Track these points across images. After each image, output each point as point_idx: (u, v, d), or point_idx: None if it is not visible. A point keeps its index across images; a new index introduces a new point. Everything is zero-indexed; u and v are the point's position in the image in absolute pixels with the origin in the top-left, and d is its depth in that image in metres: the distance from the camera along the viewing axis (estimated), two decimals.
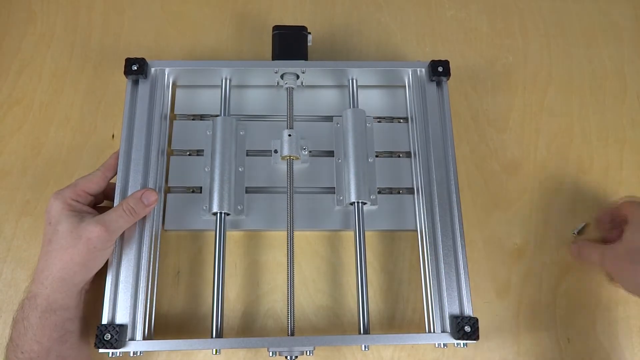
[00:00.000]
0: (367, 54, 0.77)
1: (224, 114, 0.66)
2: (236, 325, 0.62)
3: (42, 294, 0.52)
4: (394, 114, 0.70)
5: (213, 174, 0.62)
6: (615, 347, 0.64)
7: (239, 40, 0.76)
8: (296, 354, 0.55)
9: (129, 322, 0.54)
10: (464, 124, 0.73)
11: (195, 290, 0.63)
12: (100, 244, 0.52)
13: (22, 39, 0.74)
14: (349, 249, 0.65)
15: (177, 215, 0.64)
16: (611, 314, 0.65)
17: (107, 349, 0.52)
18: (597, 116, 0.75)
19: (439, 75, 0.67)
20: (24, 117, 0.70)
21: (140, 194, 0.57)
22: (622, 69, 0.78)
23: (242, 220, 0.64)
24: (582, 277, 0.67)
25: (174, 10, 0.78)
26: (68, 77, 0.72)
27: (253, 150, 0.67)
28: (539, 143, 0.73)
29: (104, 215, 0.54)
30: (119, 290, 0.56)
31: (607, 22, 0.81)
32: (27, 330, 0.51)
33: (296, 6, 0.79)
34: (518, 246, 0.67)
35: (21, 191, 0.66)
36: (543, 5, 0.82)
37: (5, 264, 0.63)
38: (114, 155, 0.61)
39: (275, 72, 0.67)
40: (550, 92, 0.76)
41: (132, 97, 0.64)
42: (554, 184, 0.71)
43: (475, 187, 0.70)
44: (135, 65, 0.63)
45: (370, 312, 0.63)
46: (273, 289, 0.64)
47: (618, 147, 0.73)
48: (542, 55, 0.79)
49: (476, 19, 0.80)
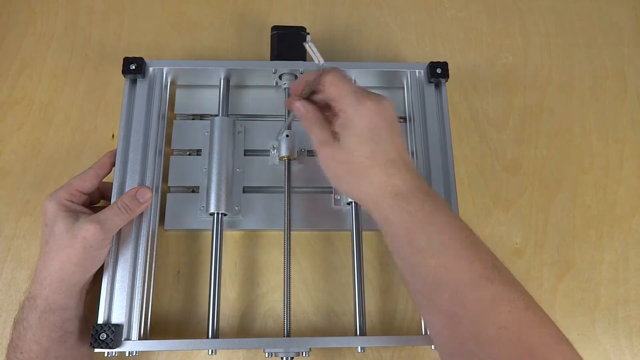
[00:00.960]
0: (367, 54, 0.77)
1: (222, 114, 0.66)
2: (236, 325, 0.62)
3: (41, 295, 0.52)
4: None
5: (210, 174, 0.62)
6: (615, 347, 0.64)
7: (239, 40, 0.76)
8: (292, 355, 0.55)
9: (124, 321, 0.55)
10: (464, 124, 0.73)
11: (195, 290, 0.63)
12: (96, 243, 0.52)
13: (22, 39, 0.74)
14: (349, 249, 0.65)
15: (177, 215, 0.64)
16: (611, 314, 0.65)
17: (102, 348, 0.52)
18: (597, 116, 0.75)
19: (438, 76, 0.67)
20: (24, 117, 0.70)
21: (134, 192, 0.57)
22: (622, 69, 0.78)
23: (242, 220, 0.64)
24: (582, 277, 0.66)
25: (174, 10, 0.78)
26: (68, 77, 0.72)
27: (251, 150, 0.67)
28: (539, 143, 0.73)
29: (99, 213, 0.54)
30: (115, 289, 0.56)
31: (607, 22, 0.81)
32: (26, 331, 0.52)
33: (296, 6, 0.79)
34: (518, 246, 0.67)
35: (21, 191, 0.66)
36: (543, 5, 0.82)
37: (5, 264, 0.63)
38: (108, 153, 0.61)
39: (274, 73, 0.67)
40: (550, 92, 0.76)
41: (130, 96, 0.64)
42: (554, 184, 0.71)
43: (475, 187, 0.70)
44: (134, 64, 0.63)
45: (371, 311, 0.63)
46: (273, 288, 0.64)
47: (618, 147, 0.73)
48: (542, 55, 0.78)
49: (476, 19, 0.80)
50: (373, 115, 0.49)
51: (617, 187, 0.71)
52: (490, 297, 0.41)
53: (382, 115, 0.49)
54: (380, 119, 0.49)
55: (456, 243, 0.45)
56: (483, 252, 0.45)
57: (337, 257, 0.65)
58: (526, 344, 0.39)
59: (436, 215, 0.46)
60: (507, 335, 0.40)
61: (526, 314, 0.41)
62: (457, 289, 0.43)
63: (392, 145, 0.49)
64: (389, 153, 0.49)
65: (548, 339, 0.40)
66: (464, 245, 0.45)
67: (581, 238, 0.68)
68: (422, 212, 0.46)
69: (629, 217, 0.70)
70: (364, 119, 0.49)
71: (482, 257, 0.44)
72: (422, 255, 0.45)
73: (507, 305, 0.41)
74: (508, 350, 0.39)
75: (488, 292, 0.42)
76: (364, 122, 0.49)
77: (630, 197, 0.71)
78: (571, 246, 0.68)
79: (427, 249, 0.45)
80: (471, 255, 0.44)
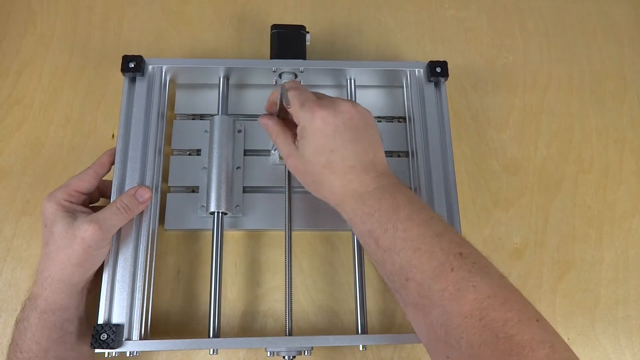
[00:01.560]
0: (367, 54, 0.77)
1: (222, 113, 0.66)
2: (236, 324, 0.62)
3: (41, 295, 0.52)
4: (393, 113, 0.70)
5: (210, 173, 0.62)
6: (615, 347, 0.64)
7: (239, 40, 0.76)
8: (294, 354, 0.56)
9: (125, 321, 0.54)
10: (464, 124, 0.73)
11: (196, 290, 0.63)
12: (95, 243, 0.52)
13: (22, 39, 0.74)
14: (350, 249, 0.65)
15: (177, 215, 0.64)
16: (611, 314, 0.65)
17: (103, 348, 0.52)
18: (597, 116, 0.75)
19: (437, 75, 0.66)
20: (24, 117, 0.70)
21: (134, 191, 0.57)
22: (622, 69, 0.78)
23: (242, 220, 0.64)
24: (582, 277, 0.66)
25: (174, 10, 0.78)
26: (68, 77, 0.72)
27: (251, 150, 0.67)
28: (539, 143, 0.73)
29: (98, 213, 0.54)
30: (115, 289, 0.55)
31: (607, 22, 0.81)
32: (26, 331, 0.52)
33: (296, 6, 0.79)
34: (518, 246, 0.67)
35: (21, 191, 0.66)
36: (543, 5, 0.82)
37: (5, 264, 0.63)
38: (106, 152, 0.61)
39: (274, 71, 0.67)
40: (550, 92, 0.76)
41: (129, 94, 0.64)
42: (554, 184, 0.71)
43: (475, 187, 0.70)
44: (132, 62, 0.63)
45: (372, 311, 0.63)
46: (273, 288, 0.64)
47: (618, 147, 0.73)
48: (542, 55, 0.78)
49: (476, 19, 0.80)
50: (327, 124, 0.50)
51: (617, 187, 0.71)
52: (454, 286, 0.42)
53: (337, 122, 0.50)
54: (335, 127, 0.50)
55: (418, 237, 0.45)
56: (446, 241, 0.45)
57: (337, 257, 0.65)
58: (491, 328, 0.40)
59: (396, 212, 0.47)
60: (472, 322, 0.40)
61: (490, 300, 0.41)
62: (423, 282, 0.44)
63: (351, 151, 0.50)
64: (347, 159, 0.50)
65: (512, 318, 0.40)
66: (427, 238, 0.45)
67: (581, 238, 0.68)
68: (380, 212, 0.47)
69: (629, 217, 0.70)
70: (317, 129, 0.50)
71: (444, 247, 0.45)
72: (389, 253, 0.46)
73: (472, 293, 0.41)
74: (475, 337, 0.40)
75: (451, 281, 0.42)
76: (317, 131, 0.50)
77: (630, 197, 0.71)
78: (571, 246, 0.68)
79: (392, 247, 0.46)
80: (433, 247, 0.45)
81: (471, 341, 0.40)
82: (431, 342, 0.45)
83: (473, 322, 0.40)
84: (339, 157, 0.50)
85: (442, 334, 0.42)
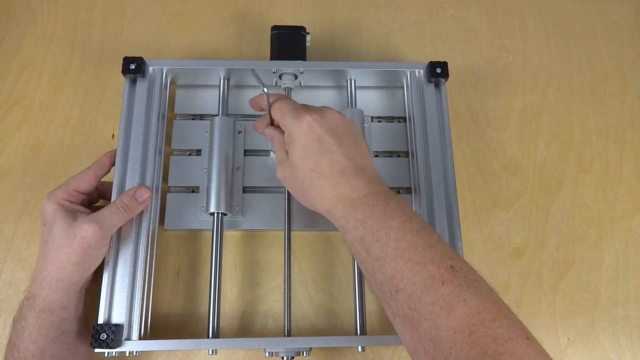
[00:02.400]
0: (367, 54, 0.77)
1: (222, 114, 0.66)
2: (236, 325, 0.62)
3: (40, 295, 0.52)
4: (393, 114, 0.70)
5: (210, 174, 0.62)
6: (615, 347, 0.64)
7: (239, 40, 0.76)
8: (292, 355, 0.56)
9: (125, 321, 0.54)
10: (464, 124, 0.73)
11: (196, 290, 0.63)
12: (95, 242, 0.52)
13: (22, 39, 0.74)
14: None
15: (177, 215, 0.64)
16: (611, 314, 0.65)
17: (103, 348, 0.52)
18: (597, 116, 0.75)
19: (437, 76, 0.66)
20: (24, 117, 0.70)
21: (133, 191, 0.57)
22: (622, 69, 0.78)
23: (242, 220, 0.64)
24: (582, 277, 0.66)
25: (174, 10, 0.78)
26: (68, 77, 0.72)
27: (251, 150, 0.67)
28: (539, 143, 0.73)
29: (98, 213, 0.54)
30: (115, 289, 0.56)
31: (607, 22, 0.81)
32: (24, 330, 0.52)
33: (296, 6, 0.79)
34: (518, 246, 0.67)
35: (21, 191, 0.66)
36: (543, 5, 0.82)
37: (5, 264, 0.63)
38: (107, 153, 0.61)
39: (274, 72, 0.67)
40: (550, 92, 0.76)
41: (129, 96, 0.64)
42: (554, 184, 0.71)
43: (475, 187, 0.70)
44: (133, 64, 0.63)
45: (372, 311, 0.63)
46: (273, 288, 0.64)
47: (618, 147, 0.73)
48: (542, 55, 0.78)
49: (476, 19, 0.80)
50: (314, 129, 0.50)
51: (617, 187, 0.71)
52: (444, 300, 0.42)
53: (325, 127, 0.50)
54: (322, 131, 0.50)
55: (410, 247, 0.45)
56: (438, 253, 0.45)
57: (337, 257, 0.65)
58: (479, 344, 0.39)
59: (388, 220, 0.46)
60: (461, 337, 0.40)
61: (480, 315, 0.41)
62: (413, 294, 0.43)
63: (339, 155, 0.50)
64: (336, 164, 0.50)
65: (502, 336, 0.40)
66: (418, 249, 0.45)
67: (581, 238, 0.68)
68: (372, 219, 0.47)
69: (629, 217, 0.70)
70: (305, 133, 0.50)
71: (436, 259, 0.44)
72: (380, 262, 0.45)
73: (462, 308, 0.41)
74: (463, 354, 0.39)
75: (441, 295, 0.42)
76: (304, 136, 0.50)
77: (630, 197, 0.71)
78: (571, 246, 0.68)
79: (383, 257, 0.45)
80: (425, 259, 0.44)
81: (459, 357, 0.39)
82: (419, 355, 0.44)
83: (462, 338, 0.40)
84: (328, 161, 0.49)
85: (431, 348, 0.41)
